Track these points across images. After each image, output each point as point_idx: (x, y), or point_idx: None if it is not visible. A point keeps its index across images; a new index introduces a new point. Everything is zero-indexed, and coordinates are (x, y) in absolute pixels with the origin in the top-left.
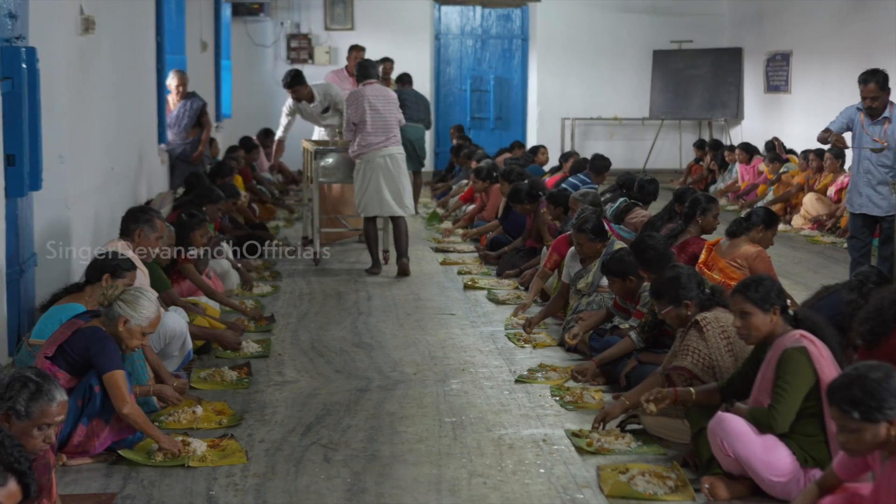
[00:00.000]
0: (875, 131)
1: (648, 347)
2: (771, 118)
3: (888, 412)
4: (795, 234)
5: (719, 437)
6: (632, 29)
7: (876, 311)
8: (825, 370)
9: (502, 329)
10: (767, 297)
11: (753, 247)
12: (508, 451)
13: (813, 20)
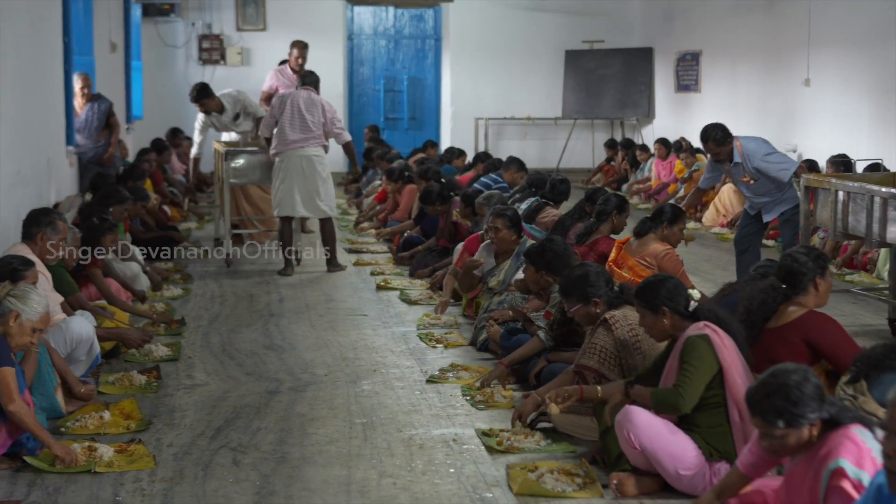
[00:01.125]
0: (739, 173)
1: (557, 346)
2: (681, 117)
3: (810, 416)
4: (706, 232)
5: (626, 429)
6: (544, 29)
7: (746, 313)
8: (727, 358)
9: (414, 329)
10: (655, 300)
11: (662, 245)
12: (419, 452)
13: (722, 20)
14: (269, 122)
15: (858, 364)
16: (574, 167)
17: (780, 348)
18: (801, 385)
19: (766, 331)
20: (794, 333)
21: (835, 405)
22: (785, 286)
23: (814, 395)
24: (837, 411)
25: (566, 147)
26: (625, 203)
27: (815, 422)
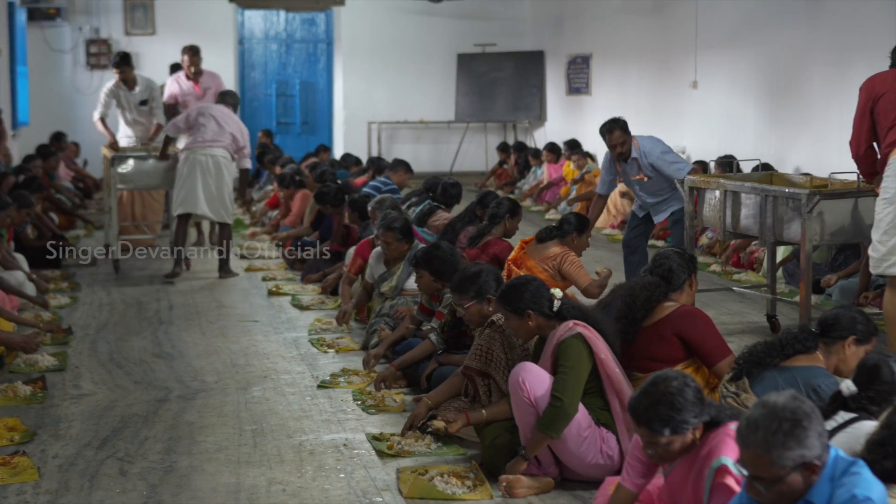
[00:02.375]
0: (633, 170)
1: (448, 349)
2: (573, 119)
3: (693, 420)
4: (597, 233)
5: (521, 377)
6: (436, 32)
7: (627, 310)
8: (601, 351)
9: (306, 335)
10: (519, 304)
11: (560, 248)
12: (309, 457)
13: (611, 23)
14: (179, 126)
15: (741, 362)
16: (467, 170)
17: (656, 344)
18: (682, 391)
19: (642, 328)
20: (668, 328)
21: (713, 406)
22: (659, 282)
23: (695, 399)
24: (716, 412)
25: (459, 150)
26: (517, 207)
27: (697, 426)
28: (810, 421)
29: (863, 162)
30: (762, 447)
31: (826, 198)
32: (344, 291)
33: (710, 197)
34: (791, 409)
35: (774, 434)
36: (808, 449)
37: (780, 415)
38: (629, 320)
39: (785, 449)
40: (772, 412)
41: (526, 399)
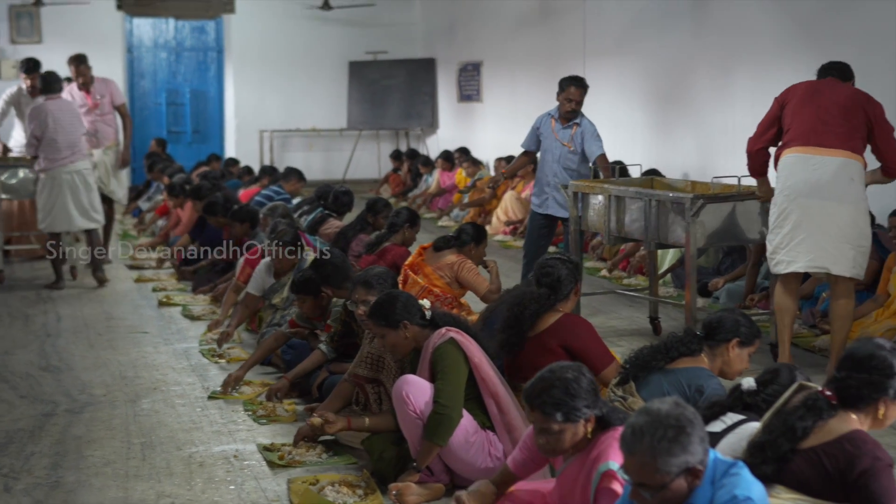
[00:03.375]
0: (565, 135)
1: (339, 358)
2: (464, 127)
3: (586, 410)
4: (490, 240)
5: (405, 391)
6: (327, 40)
7: (515, 320)
8: (476, 355)
9: (197, 345)
10: (395, 316)
11: (457, 256)
12: (199, 469)
13: (501, 31)
14: (31, 143)
15: (627, 366)
16: (360, 178)
17: (541, 355)
18: (577, 380)
19: (527, 338)
20: (552, 339)
21: (607, 405)
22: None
23: (589, 389)
24: (609, 411)
25: (352, 158)
26: (416, 217)
27: (590, 417)
28: (693, 427)
29: (751, 159)
30: (648, 454)
31: (710, 202)
32: (228, 298)
33: (594, 202)
34: (675, 415)
35: (660, 441)
36: (692, 454)
37: (665, 422)
38: (516, 332)
39: (670, 455)
40: (656, 419)
41: (412, 412)
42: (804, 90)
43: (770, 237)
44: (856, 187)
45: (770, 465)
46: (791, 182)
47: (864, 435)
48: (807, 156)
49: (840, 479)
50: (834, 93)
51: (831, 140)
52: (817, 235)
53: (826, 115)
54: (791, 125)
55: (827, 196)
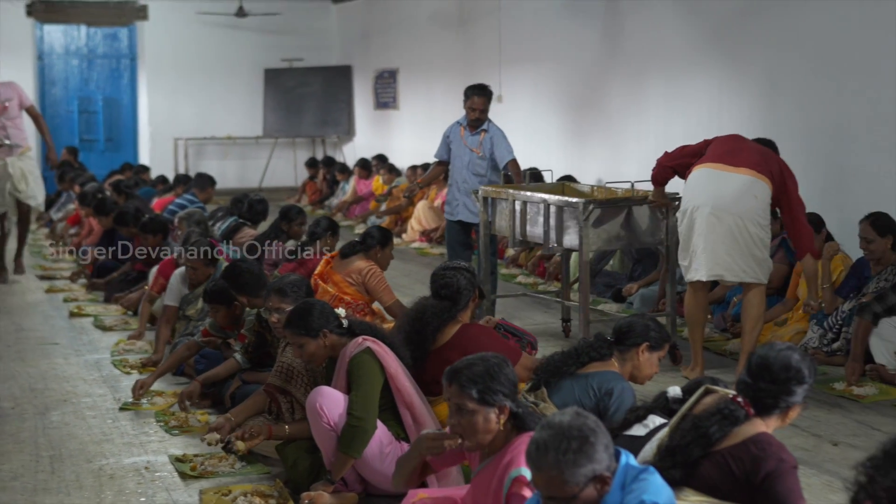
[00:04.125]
0: (473, 142)
1: (253, 367)
2: (381, 133)
3: (501, 398)
4: (406, 248)
5: (319, 402)
6: (242, 47)
7: (418, 335)
8: (392, 365)
9: (108, 356)
10: (315, 324)
11: (366, 262)
12: (109, 482)
13: (417, 38)
14: None
15: (539, 371)
16: (277, 186)
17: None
18: (499, 366)
19: (430, 352)
20: (454, 351)
21: (525, 407)
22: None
23: (510, 380)
24: (525, 412)
25: (268, 166)
26: (336, 226)
27: (504, 407)
28: (596, 435)
29: (660, 170)
30: (554, 469)
31: (600, 206)
32: (143, 310)
33: (501, 207)
34: (577, 426)
35: (564, 454)
36: (598, 462)
37: (568, 434)
38: (418, 347)
39: (576, 467)
40: (558, 432)
41: (326, 424)
42: (734, 135)
43: (681, 246)
44: (757, 204)
45: (679, 469)
46: (696, 193)
47: (769, 437)
48: (716, 171)
49: (746, 481)
50: (758, 143)
51: (740, 160)
52: (716, 247)
53: (744, 145)
54: (708, 152)
55: (728, 209)
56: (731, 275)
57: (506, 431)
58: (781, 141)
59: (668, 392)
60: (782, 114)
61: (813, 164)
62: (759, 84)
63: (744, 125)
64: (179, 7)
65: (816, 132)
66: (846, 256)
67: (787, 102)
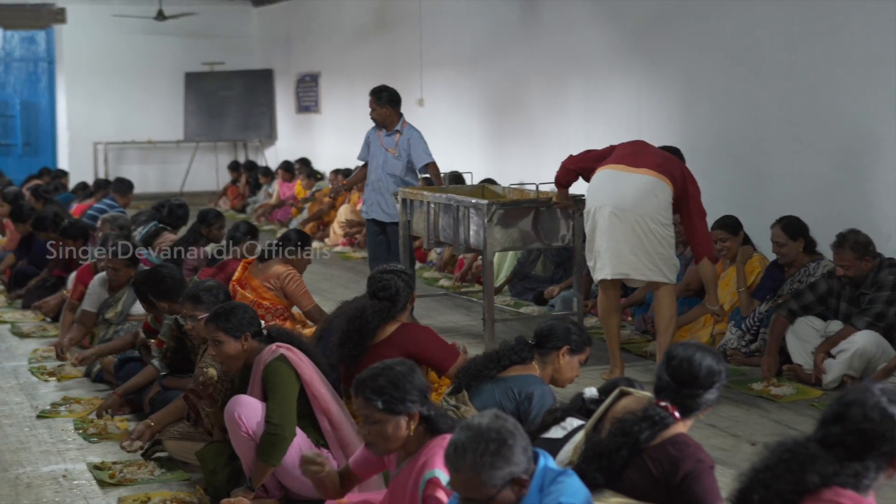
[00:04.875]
0: (389, 142)
1: (172, 373)
2: (303, 138)
3: (409, 405)
4: (329, 251)
5: (237, 412)
6: (162, 50)
7: (357, 333)
8: (307, 372)
9: (26, 363)
10: (239, 325)
11: (284, 267)
12: (26, 491)
13: (339, 42)
14: None
15: (460, 375)
16: (198, 190)
17: None
18: (406, 374)
19: (368, 349)
20: (393, 349)
21: (436, 408)
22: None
23: (417, 387)
24: (437, 415)
25: (189, 170)
26: (255, 230)
27: (413, 413)
28: (514, 438)
29: (565, 173)
30: (472, 470)
31: (503, 207)
32: (65, 319)
33: (418, 208)
34: (496, 429)
35: (482, 456)
36: (516, 465)
37: (486, 436)
38: (356, 344)
39: (494, 469)
40: (477, 434)
41: (244, 433)
42: (639, 141)
43: (587, 247)
44: (658, 203)
45: (604, 474)
46: (598, 194)
47: (686, 438)
48: (617, 172)
49: (665, 482)
50: (664, 150)
51: (642, 161)
52: (620, 246)
53: (647, 149)
54: (612, 155)
55: (628, 208)
56: (637, 273)
57: (419, 435)
58: (699, 143)
59: (584, 393)
60: (700, 116)
61: (730, 167)
62: (677, 87)
63: (662, 127)
64: (98, 10)
65: (734, 135)
66: (763, 258)
67: (705, 105)
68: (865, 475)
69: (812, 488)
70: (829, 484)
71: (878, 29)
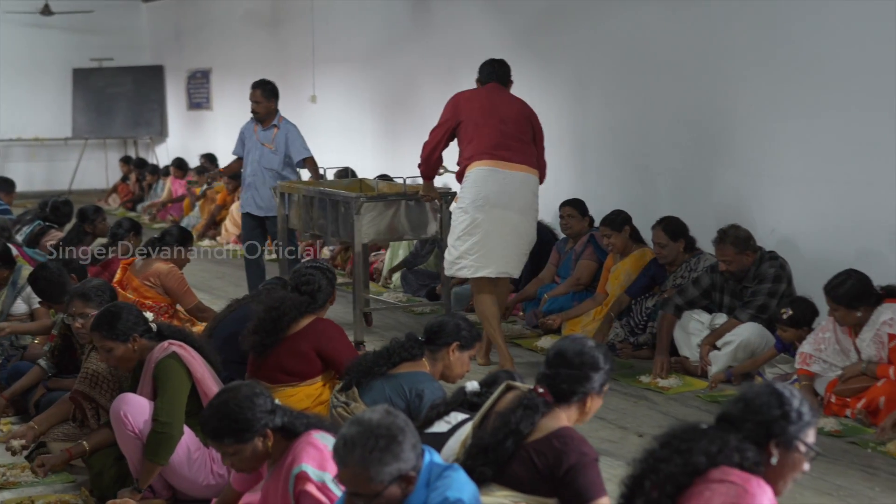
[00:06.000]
0: (265, 137)
1: (60, 373)
2: (194, 134)
3: (258, 427)
4: (221, 249)
5: (123, 410)
6: (49, 46)
7: (273, 324)
8: (198, 370)
9: None
10: (126, 328)
11: (165, 264)
12: None
13: (230, 38)
14: None
15: (351, 371)
16: (88, 188)
17: (292, 358)
18: (245, 401)
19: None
20: (305, 343)
21: (288, 414)
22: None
23: (260, 406)
24: (290, 420)
25: (78, 168)
26: (139, 227)
27: (265, 432)
28: (404, 434)
29: (426, 164)
30: (360, 465)
31: (371, 200)
32: None
33: (294, 201)
34: (385, 424)
35: (371, 452)
36: (404, 462)
37: (376, 432)
38: (270, 334)
39: (382, 465)
40: (367, 430)
41: (130, 432)
42: (480, 106)
43: (456, 243)
44: (535, 200)
45: (492, 467)
46: (483, 193)
47: (570, 431)
48: (495, 169)
49: (549, 475)
50: (509, 108)
51: (515, 156)
52: (505, 244)
53: (507, 129)
54: (473, 139)
55: (513, 207)
56: (517, 271)
57: (279, 443)
58: (590, 139)
59: (466, 387)
60: (591, 113)
61: (620, 163)
62: (567, 83)
63: (553, 123)
64: None
65: (623, 131)
66: (649, 251)
67: (595, 102)
68: (746, 452)
69: (701, 469)
70: (716, 463)
71: (760, 28)
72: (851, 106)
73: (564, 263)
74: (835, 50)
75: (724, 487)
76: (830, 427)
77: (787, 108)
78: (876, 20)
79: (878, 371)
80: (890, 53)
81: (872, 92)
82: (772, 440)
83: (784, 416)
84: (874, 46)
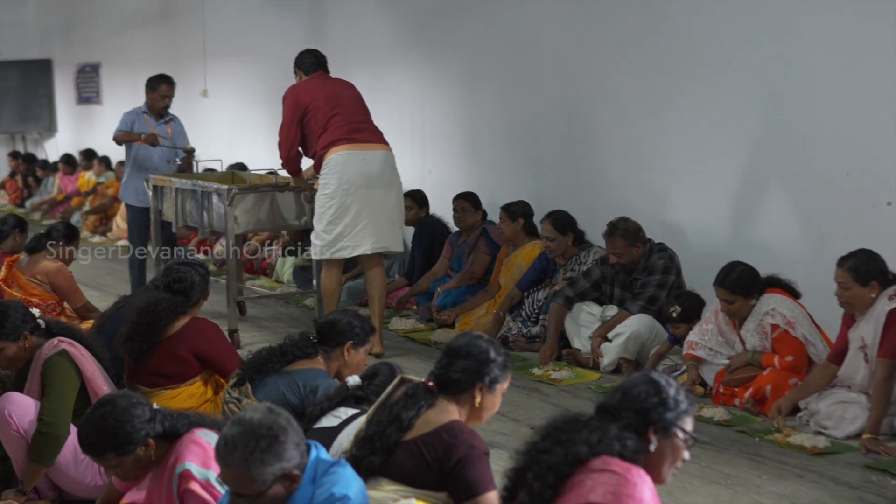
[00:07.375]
0: (162, 130)
1: None
2: (84, 129)
3: (139, 438)
4: (111, 245)
5: (7, 410)
6: None
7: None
8: (88, 368)
9: None
10: (15, 327)
11: (53, 262)
12: None
13: (120, 32)
14: None
15: (245, 367)
16: None
17: (169, 362)
18: (123, 415)
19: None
20: (181, 346)
21: (168, 418)
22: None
23: (139, 417)
24: (171, 423)
25: None
26: (24, 223)
27: (146, 441)
28: (286, 434)
29: (290, 163)
30: (241, 466)
31: (242, 192)
32: None
33: (167, 194)
34: (267, 424)
35: (252, 452)
36: (287, 461)
37: (257, 432)
38: (147, 339)
39: (264, 466)
40: (248, 430)
41: (15, 432)
42: (323, 96)
43: (328, 227)
44: (397, 174)
45: (379, 456)
46: (347, 177)
47: (460, 425)
48: (355, 152)
49: (439, 468)
50: (346, 92)
51: (370, 136)
52: (377, 221)
53: (354, 113)
54: (326, 127)
55: (379, 185)
56: (396, 244)
57: (161, 447)
58: (482, 132)
59: (347, 381)
60: (484, 108)
61: (513, 156)
62: (460, 77)
63: (446, 116)
64: None
65: (515, 125)
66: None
67: (488, 97)
68: (626, 441)
69: (583, 458)
70: (597, 453)
71: (646, 23)
72: (736, 99)
73: (457, 257)
74: (719, 44)
75: (606, 477)
76: (719, 417)
77: (675, 101)
78: (757, 14)
79: (763, 360)
80: (771, 47)
81: (757, 85)
82: (650, 427)
83: (661, 404)
84: (756, 40)
